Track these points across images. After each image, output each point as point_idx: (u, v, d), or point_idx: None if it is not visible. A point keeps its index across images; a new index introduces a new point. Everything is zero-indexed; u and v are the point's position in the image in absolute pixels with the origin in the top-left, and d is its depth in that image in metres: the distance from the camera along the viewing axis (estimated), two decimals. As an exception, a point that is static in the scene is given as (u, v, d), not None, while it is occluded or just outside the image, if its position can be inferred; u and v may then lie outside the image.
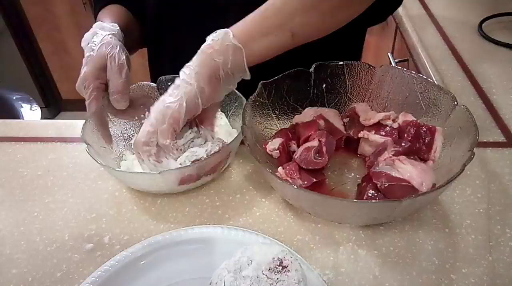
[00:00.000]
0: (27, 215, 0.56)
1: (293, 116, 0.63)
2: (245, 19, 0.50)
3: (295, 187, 0.46)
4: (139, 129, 0.51)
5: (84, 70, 0.55)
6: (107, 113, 0.61)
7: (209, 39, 0.49)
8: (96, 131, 0.59)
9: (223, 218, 0.54)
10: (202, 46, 0.49)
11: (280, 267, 0.38)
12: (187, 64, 0.50)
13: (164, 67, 0.78)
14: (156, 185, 0.54)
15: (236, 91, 0.61)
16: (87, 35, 0.58)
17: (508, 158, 0.60)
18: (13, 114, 1.31)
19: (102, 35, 0.57)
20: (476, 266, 0.46)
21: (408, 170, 0.49)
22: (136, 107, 0.62)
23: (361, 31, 0.81)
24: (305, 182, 0.52)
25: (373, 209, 0.46)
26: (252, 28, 0.49)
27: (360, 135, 0.58)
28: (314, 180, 0.52)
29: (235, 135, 0.57)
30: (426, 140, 0.54)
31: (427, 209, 0.53)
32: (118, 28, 0.60)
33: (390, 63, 1.13)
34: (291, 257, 0.39)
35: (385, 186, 0.48)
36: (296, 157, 0.54)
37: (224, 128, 0.63)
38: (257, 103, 0.59)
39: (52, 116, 2.57)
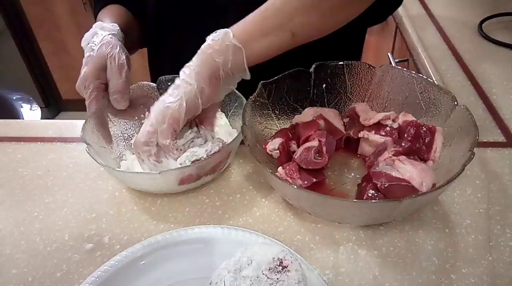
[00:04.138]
0: (27, 215, 0.56)
1: (293, 116, 0.63)
2: (245, 19, 0.50)
3: (295, 187, 0.46)
4: (139, 129, 0.51)
5: (84, 70, 0.55)
6: (107, 113, 0.61)
7: (209, 39, 0.49)
8: (96, 131, 0.59)
9: (223, 218, 0.54)
10: (202, 46, 0.49)
11: (280, 267, 0.38)
12: (187, 64, 0.50)
13: (164, 67, 0.78)
14: (156, 185, 0.54)
15: (236, 91, 0.61)
16: (87, 35, 0.58)
17: (508, 158, 0.60)
18: (13, 114, 1.31)
19: (102, 35, 0.57)
20: (476, 266, 0.46)
21: (408, 170, 0.49)
22: (136, 107, 0.62)
23: (361, 31, 0.81)
24: (305, 182, 0.52)
25: (373, 209, 0.46)
26: (252, 28, 0.49)
27: (360, 135, 0.58)
28: (314, 180, 0.52)
29: (235, 135, 0.57)
30: (426, 140, 0.54)
31: (427, 209, 0.53)
32: (118, 28, 0.60)
33: (390, 63, 1.13)
34: (291, 257, 0.39)
35: (385, 186, 0.48)
36: (296, 157, 0.54)
37: (224, 128, 0.63)
38: (257, 103, 0.59)
39: (52, 116, 2.57)
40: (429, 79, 0.57)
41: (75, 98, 2.45)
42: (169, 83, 0.50)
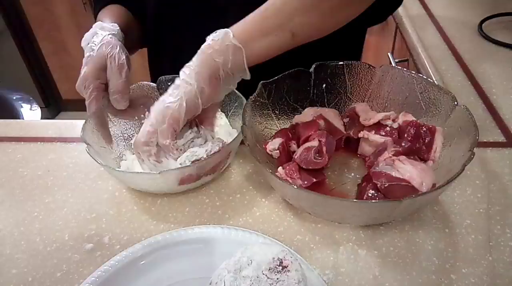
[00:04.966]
0: (27, 215, 0.56)
1: (293, 116, 0.63)
2: (245, 19, 0.50)
3: (295, 187, 0.46)
4: (139, 129, 0.51)
5: (84, 70, 0.55)
6: (107, 113, 0.61)
7: (209, 39, 0.49)
8: (96, 131, 0.59)
9: (223, 218, 0.54)
10: (202, 46, 0.49)
11: (280, 267, 0.38)
12: (187, 64, 0.50)
13: (164, 67, 0.78)
14: (156, 185, 0.54)
15: (236, 91, 0.61)
16: (87, 35, 0.58)
17: (508, 158, 0.60)
18: (13, 114, 1.31)
19: (102, 35, 0.57)
20: (476, 266, 0.46)
21: (408, 170, 0.49)
22: (136, 107, 0.62)
23: (361, 31, 0.81)
24: (305, 182, 0.52)
25: (373, 209, 0.46)
26: (252, 28, 0.49)
27: (360, 135, 0.58)
28: (314, 180, 0.52)
29: (235, 135, 0.57)
30: (426, 140, 0.54)
31: (427, 209, 0.53)
32: (118, 28, 0.60)
33: (390, 63, 1.13)
34: (291, 257, 0.39)
35: (385, 186, 0.48)
36: (296, 157, 0.54)
37: (224, 128, 0.63)
38: (257, 103, 0.59)
39: (52, 116, 2.57)
40: (429, 79, 0.57)
41: (75, 98, 2.45)
42: (169, 83, 0.50)
